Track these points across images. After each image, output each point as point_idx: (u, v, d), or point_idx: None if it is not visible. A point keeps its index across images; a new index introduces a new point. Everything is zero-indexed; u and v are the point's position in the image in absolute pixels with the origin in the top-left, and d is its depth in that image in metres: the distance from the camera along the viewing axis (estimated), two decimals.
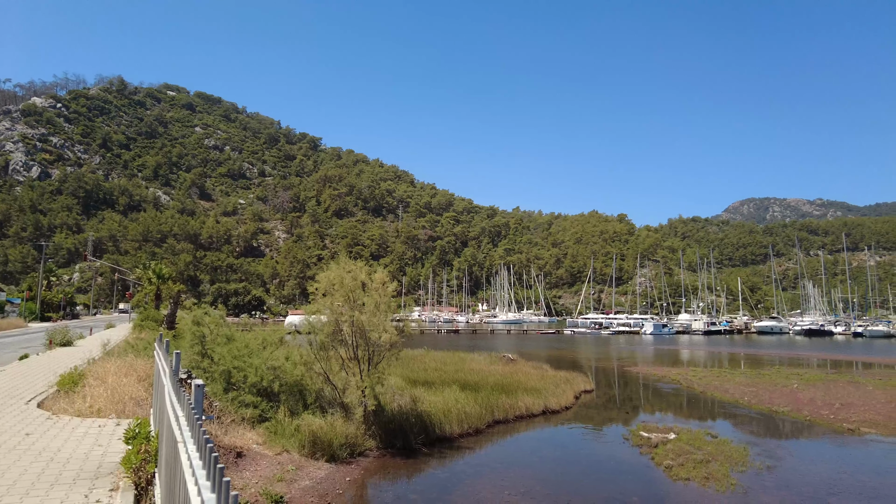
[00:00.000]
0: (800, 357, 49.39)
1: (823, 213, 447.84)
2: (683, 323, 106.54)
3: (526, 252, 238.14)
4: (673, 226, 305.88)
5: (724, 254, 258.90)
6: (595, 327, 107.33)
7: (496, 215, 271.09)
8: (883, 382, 28.52)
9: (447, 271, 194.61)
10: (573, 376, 28.03)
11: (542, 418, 19.99)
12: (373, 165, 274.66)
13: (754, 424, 19.46)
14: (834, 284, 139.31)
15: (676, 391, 27.52)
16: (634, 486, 12.31)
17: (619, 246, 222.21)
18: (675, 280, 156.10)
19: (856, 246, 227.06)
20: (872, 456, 14.99)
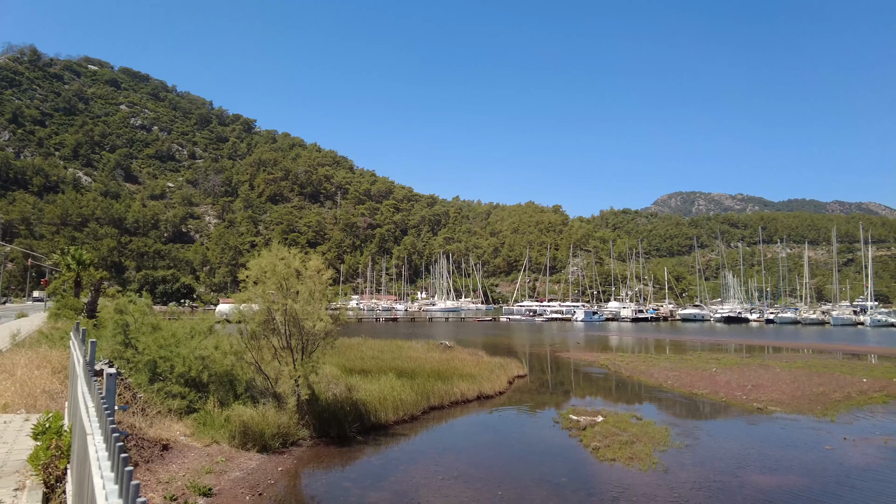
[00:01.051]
0: (719, 343, 52.51)
1: (743, 208, 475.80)
2: (613, 310, 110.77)
3: (465, 241, 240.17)
4: (605, 217, 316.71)
5: (652, 245, 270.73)
6: (530, 315, 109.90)
7: (436, 204, 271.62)
8: (789, 365, 30.81)
9: (386, 259, 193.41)
10: (507, 362, 28.67)
11: (477, 403, 20.36)
12: (310, 150, 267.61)
13: (676, 406, 20.57)
14: (751, 275, 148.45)
15: (605, 376, 28.66)
16: (563, 467, 12.78)
17: (553, 236, 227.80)
18: (605, 269, 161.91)
19: (770, 239, 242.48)
20: (777, 431, 16.19)
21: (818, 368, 29.24)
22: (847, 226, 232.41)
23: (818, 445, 14.53)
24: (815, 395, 21.69)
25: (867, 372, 28.26)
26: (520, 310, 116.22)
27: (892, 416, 18.60)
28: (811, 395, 21.50)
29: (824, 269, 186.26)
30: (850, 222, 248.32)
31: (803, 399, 20.86)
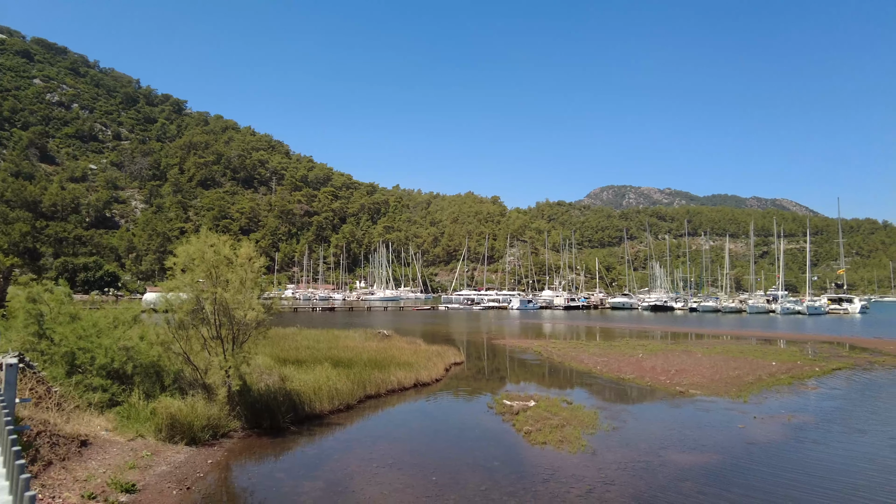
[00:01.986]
0: (646, 330, 55.02)
1: (671, 201, 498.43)
2: (546, 299, 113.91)
3: (405, 230, 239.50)
4: (540, 209, 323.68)
5: (584, 236, 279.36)
6: (468, 303, 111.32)
7: (376, 192, 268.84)
8: (709, 351, 32.72)
9: (324, 248, 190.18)
10: (445, 350, 28.98)
11: (414, 391, 20.49)
12: (244, 133, 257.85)
13: (605, 391, 21.44)
14: (677, 265, 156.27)
15: (538, 362, 29.48)
16: (496, 451, 13.10)
17: (491, 226, 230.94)
18: (540, 259, 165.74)
19: (695, 231, 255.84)
20: (697, 413, 17.21)
21: (735, 353, 31.20)
22: (763, 220, 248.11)
23: (732, 425, 15.55)
24: (731, 378, 23.13)
25: (776, 356, 30.42)
26: (458, 298, 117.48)
27: (796, 395, 20.15)
28: (728, 379, 22.92)
29: (743, 261, 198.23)
30: (765, 217, 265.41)
31: (721, 382, 22.21)
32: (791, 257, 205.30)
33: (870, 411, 17.60)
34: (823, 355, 31.98)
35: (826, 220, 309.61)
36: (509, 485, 10.68)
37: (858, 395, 20.46)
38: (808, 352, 33.83)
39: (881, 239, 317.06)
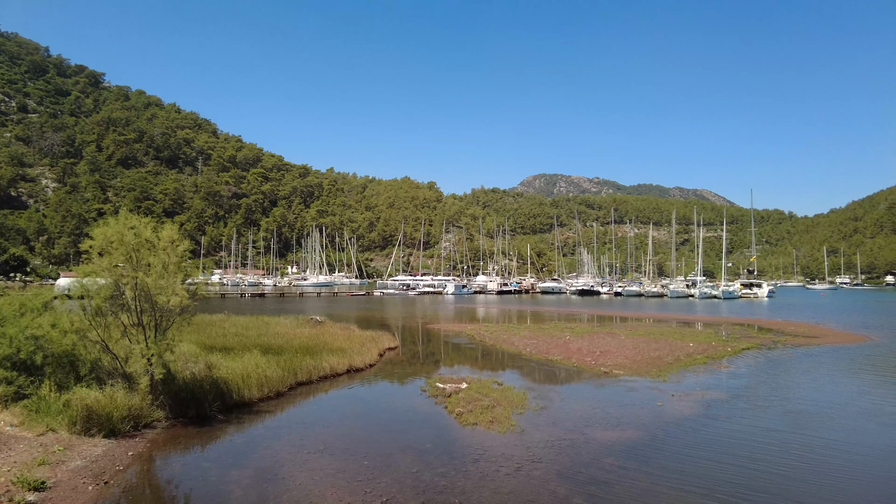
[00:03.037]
0: (573, 313, 56.99)
1: (599, 190, 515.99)
2: (480, 284, 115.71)
3: (339, 214, 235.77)
4: (476, 195, 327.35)
5: (517, 222, 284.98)
6: (403, 288, 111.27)
7: (309, 175, 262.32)
8: (632, 333, 34.34)
9: (254, 232, 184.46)
10: (379, 335, 28.93)
11: (347, 377, 20.37)
12: (168, 110, 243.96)
13: (534, 372, 22.10)
14: (603, 252, 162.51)
15: (471, 345, 29.97)
16: (428, 433, 13.28)
17: (428, 212, 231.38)
18: (475, 245, 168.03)
19: (621, 219, 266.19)
20: (620, 392, 18.08)
21: (656, 336, 32.89)
22: (685, 210, 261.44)
23: (652, 402, 16.45)
24: (652, 358, 24.40)
25: (693, 337, 32.34)
26: (394, 284, 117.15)
27: (710, 374, 21.54)
28: (649, 359, 24.16)
29: (665, 248, 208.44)
30: (687, 207, 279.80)
31: (642, 363, 23.39)
32: (709, 245, 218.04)
33: (772, 387, 19.08)
34: (735, 336, 34.30)
35: (741, 211, 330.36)
36: (440, 466, 10.88)
37: (763, 373, 22.13)
38: (721, 333, 36.15)
39: (787, 229, 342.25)
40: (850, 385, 19.95)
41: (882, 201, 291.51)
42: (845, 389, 19.09)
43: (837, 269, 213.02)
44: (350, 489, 9.70)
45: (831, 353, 27.83)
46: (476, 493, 9.57)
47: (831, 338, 34.53)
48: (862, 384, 20.18)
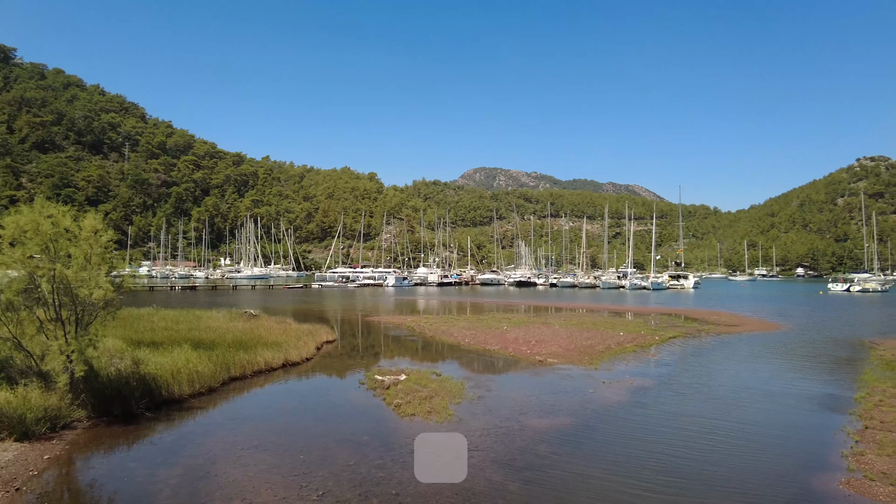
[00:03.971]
0: (511, 304, 58.12)
1: (537, 184, 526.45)
2: (421, 276, 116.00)
3: (276, 204, 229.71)
4: (417, 187, 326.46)
5: (458, 215, 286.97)
6: (342, 281, 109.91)
7: (243, 163, 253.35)
8: (566, 323, 35.42)
9: (185, 222, 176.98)
10: (317, 328, 28.50)
11: (282, 371, 19.98)
12: (90, 92, 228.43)
13: (472, 363, 22.42)
14: (540, 244, 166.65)
15: (411, 337, 30.03)
16: (366, 425, 13.25)
17: (368, 203, 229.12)
18: (416, 237, 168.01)
19: (557, 213, 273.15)
20: (554, 380, 18.63)
21: (588, 325, 34.07)
22: (617, 204, 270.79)
23: (584, 390, 17.05)
24: (584, 347, 25.26)
25: (624, 327, 33.72)
26: (333, 276, 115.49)
27: (639, 362, 22.55)
28: (582, 348, 24.99)
29: (598, 241, 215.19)
30: (619, 201, 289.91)
31: (575, 351, 24.18)
32: (639, 238, 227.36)
33: (695, 375, 20.19)
34: (663, 326, 36.01)
35: (670, 206, 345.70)
36: (378, 458, 10.89)
37: (688, 360, 23.39)
38: (650, 323, 37.85)
39: (712, 223, 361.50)
40: (763, 370, 21.40)
41: (795, 199, 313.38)
42: (759, 374, 20.46)
43: (756, 261, 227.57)
44: (285, 484, 9.56)
45: (748, 341, 29.72)
46: (413, 484, 9.65)
47: (749, 326, 36.85)
48: (773, 369, 21.69)
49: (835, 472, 10.39)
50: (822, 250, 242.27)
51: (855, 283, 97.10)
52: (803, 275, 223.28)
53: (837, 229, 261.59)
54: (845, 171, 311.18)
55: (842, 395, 16.92)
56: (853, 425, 13.42)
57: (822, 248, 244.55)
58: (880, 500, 9.11)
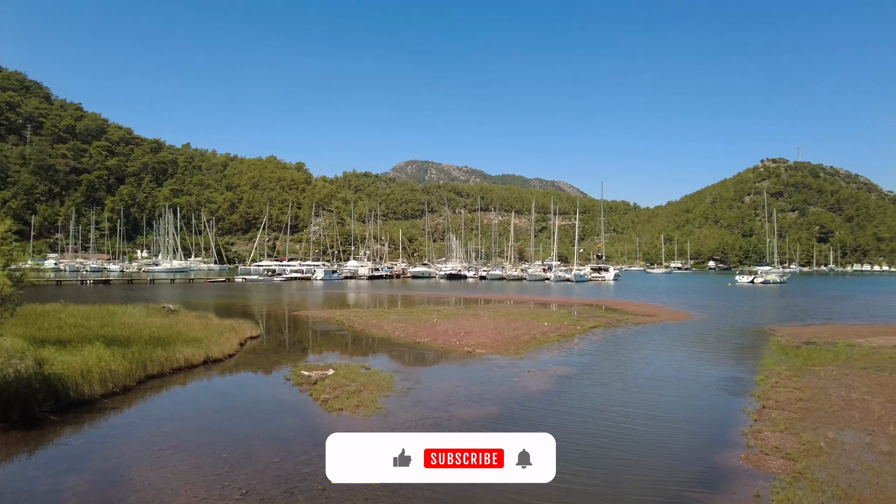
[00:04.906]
0: (441, 297, 58.64)
1: (468, 179, 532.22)
2: (351, 269, 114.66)
3: (197, 194, 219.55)
4: (347, 179, 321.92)
5: (389, 208, 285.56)
6: (268, 274, 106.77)
7: (162, 150, 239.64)
8: (494, 314, 36.16)
9: (97, 212, 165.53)
10: (240, 323, 27.63)
11: (204, 368, 19.23)
12: None
13: (402, 356, 22.48)
14: (470, 238, 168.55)
15: (340, 332, 29.69)
16: (292, 421, 13.03)
17: (296, 194, 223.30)
18: (346, 230, 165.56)
19: (487, 207, 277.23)
20: (481, 370, 19.02)
21: (515, 316, 34.94)
22: (543, 199, 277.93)
23: (509, 379, 17.51)
24: (511, 338, 25.91)
25: (548, 317, 34.84)
26: (258, 270, 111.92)
27: (562, 351, 23.41)
28: (508, 339, 25.62)
29: (525, 235, 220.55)
30: (545, 197, 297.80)
31: (502, 342, 24.76)
32: (564, 232, 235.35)
33: (614, 363, 21.20)
34: (585, 316, 37.49)
35: (592, 201, 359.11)
36: (304, 453, 10.76)
37: (607, 349, 24.53)
38: (573, 313, 39.30)
39: (631, 218, 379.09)
40: (676, 358, 22.80)
41: (708, 196, 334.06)
42: (673, 362, 21.78)
43: (672, 255, 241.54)
44: (206, 484, 9.27)
45: (663, 330, 31.51)
46: None
47: (664, 316, 39.04)
48: (685, 356, 23.16)
49: (736, 449, 11.26)
50: (731, 245, 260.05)
51: (758, 275, 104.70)
52: (714, 267, 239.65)
53: (744, 225, 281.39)
54: (751, 172, 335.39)
55: (745, 378, 18.30)
56: (753, 406, 14.56)
57: (731, 242, 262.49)
58: (773, 471, 9.98)
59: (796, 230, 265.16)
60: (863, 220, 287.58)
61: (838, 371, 18.57)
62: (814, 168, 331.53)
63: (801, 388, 16.04)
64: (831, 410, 13.77)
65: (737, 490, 9.27)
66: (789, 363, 20.33)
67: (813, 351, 22.99)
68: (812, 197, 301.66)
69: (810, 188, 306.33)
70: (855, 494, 8.86)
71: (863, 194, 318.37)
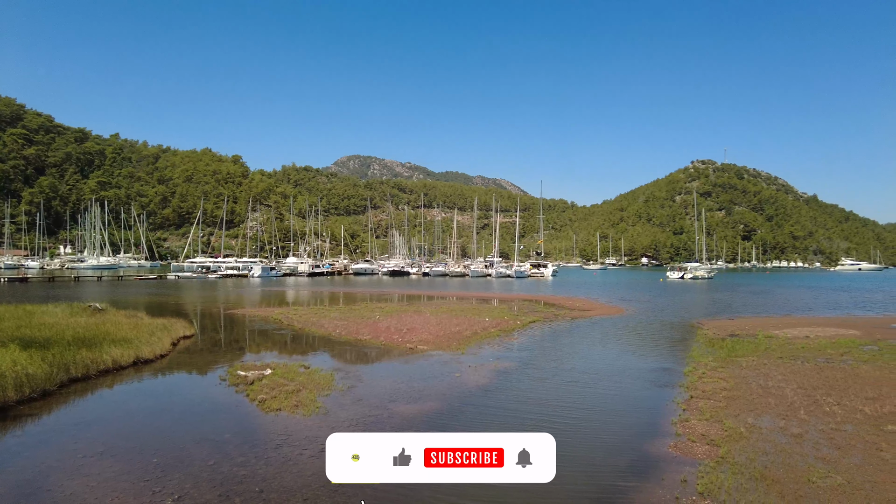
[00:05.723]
0: (384, 293, 58.33)
1: (411, 175, 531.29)
2: (290, 266, 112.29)
3: (126, 187, 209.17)
4: (287, 173, 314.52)
5: (331, 203, 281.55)
6: (203, 271, 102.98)
7: (88, 140, 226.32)
8: (436, 310, 36.34)
9: (13, 204, 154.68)
10: (172, 323, 26.54)
11: (134, 370, 18.38)
12: None
13: (343, 353, 22.25)
14: (414, 234, 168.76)
15: (279, 330, 29.04)
16: (227, 423, 12.67)
17: (232, 188, 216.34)
18: (285, 225, 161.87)
19: (430, 204, 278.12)
20: (423, 366, 19.10)
21: (457, 312, 35.24)
22: (486, 197, 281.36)
23: (450, 374, 17.68)
24: (453, 333, 26.12)
25: (489, 313, 35.35)
26: (192, 266, 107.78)
27: (502, 346, 23.81)
28: (450, 334, 25.82)
29: (468, 232, 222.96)
30: (487, 194, 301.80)
31: (444, 338, 24.93)
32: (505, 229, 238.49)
33: (552, 357, 21.76)
34: (524, 311, 38.27)
35: (532, 199, 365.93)
36: (240, 455, 10.50)
37: (546, 343, 25.16)
38: (513, 309, 40.03)
39: (569, 216, 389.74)
40: (610, 351, 23.68)
41: (641, 195, 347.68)
42: (607, 355, 22.60)
43: (607, 251, 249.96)
44: (135, 491, 8.89)
45: (598, 324, 32.61)
46: (278, 479, 9.45)
47: (599, 311, 40.39)
48: (619, 350, 24.12)
49: (665, 438, 11.82)
50: (662, 242, 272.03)
51: (688, 271, 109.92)
52: (647, 264, 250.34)
53: (675, 223, 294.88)
54: (682, 172, 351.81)
55: (674, 369, 19.21)
56: (682, 396, 15.31)
57: (662, 240, 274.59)
58: (699, 457, 10.55)
59: (723, 228, 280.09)
60: (781, 219, 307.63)
61: (758, 361, 19.80)
62: (739, 170, 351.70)
63: (725, 379, 17.00)
64: (751, 398, 14.67)
65: (666, 476, 9.73)
66: (715, 355, 21.49)
67: (736, 343, 24.39)
68: (737, 197, 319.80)
69: (736, 189, 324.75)
70: (769, 474, 9.51)
71: (781, 195, 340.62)
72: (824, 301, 53.85)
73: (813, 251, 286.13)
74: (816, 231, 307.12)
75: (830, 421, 12.56)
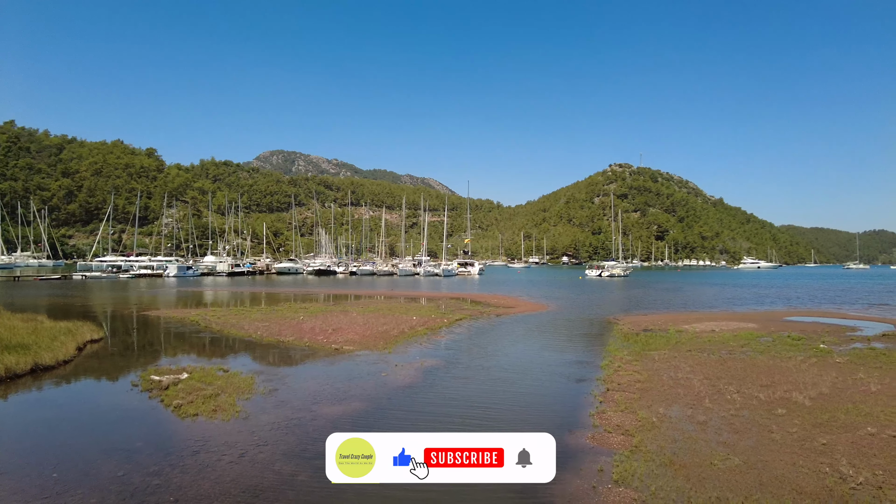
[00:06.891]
0: (310, 293, 57.09)
1: (338, 172, 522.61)
2: (209, 265, 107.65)
3: (24, 180, 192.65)
4: (205, 167, 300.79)
5: (252, 199, 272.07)
6: (113, 271, 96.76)
7: None
8: (364, 310, 36.02)
9: None
10: (78, 326, 24.79)
11: (32, 378, 17.01)
12: None
13: (265, 356, 21.60)
14: (340, 232, 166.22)
15: (196, 333, 27.77)
16: (140, 430, 12.01)
17: (146, 183, 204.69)
18: (203, 222, 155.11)
19: (358, 202, 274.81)
20: (349, 366, 18.89)
21: (385, 311, 35.09)
22: (414, 196, 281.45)
23: (377, 374, 17.60)
24: (380, 333, 25.98)
25: (417, 311, 35.46)
26: (100, 266, 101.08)
27: (430, 344, 23.97)
28: (377, 334, 25.68)
29: (396, 230, 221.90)
30: (416, 193, 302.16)
31: (371, 337, 24.76)
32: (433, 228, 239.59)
33: (477, 354, 22.14)
34: (451, 309, 38.67)
35: (460, 199, 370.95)
36: (153, 464, 9.98)
37: (472, 340, 25.53)
38: (441, 307, 40.36)
39: (495, 216, 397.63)
40: (533, 347, 24.42)
41: (563, 197, 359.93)
42: (529, 351, 23.29)
43: (531, 250, 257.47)
44: None
45: (522, 321, 33.49)
46: (194, 487, 9.07)
47: (523, 308, 41.49)
48: (541, 345, 24.92)
49: (584, 430, 12.33)
50: (582, 241, 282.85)
51: (605, 269, 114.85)
52: (567, 262, 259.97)
53: (594, 224, 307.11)
54: (601, 175, 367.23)
55: (592, 363, 20.06)
56: (599, 389, 16.02)
57: (582, 239, 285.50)
58: (614, 447, 11.09)
59: (638, 229, 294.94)
60: (691, 220, 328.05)
61: (669, 354, 21.04)
62: (653, 173, 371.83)
63: (639, 371, 17.95)
64: (662, 389, 15.59)
65: (583, 467, 10.17)
66: (630, 349, 22.63)
67: (650, 337, 25.80)
68: (651, 199, 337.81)
69: (650, 191, 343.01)
70: (677, 461, 10.17)
71: (691, 198, 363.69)
72: (728, 297, 57.97)
73: (719, 251, 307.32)
74: (722, 232, 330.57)
75: (731, 408, 13.58)
